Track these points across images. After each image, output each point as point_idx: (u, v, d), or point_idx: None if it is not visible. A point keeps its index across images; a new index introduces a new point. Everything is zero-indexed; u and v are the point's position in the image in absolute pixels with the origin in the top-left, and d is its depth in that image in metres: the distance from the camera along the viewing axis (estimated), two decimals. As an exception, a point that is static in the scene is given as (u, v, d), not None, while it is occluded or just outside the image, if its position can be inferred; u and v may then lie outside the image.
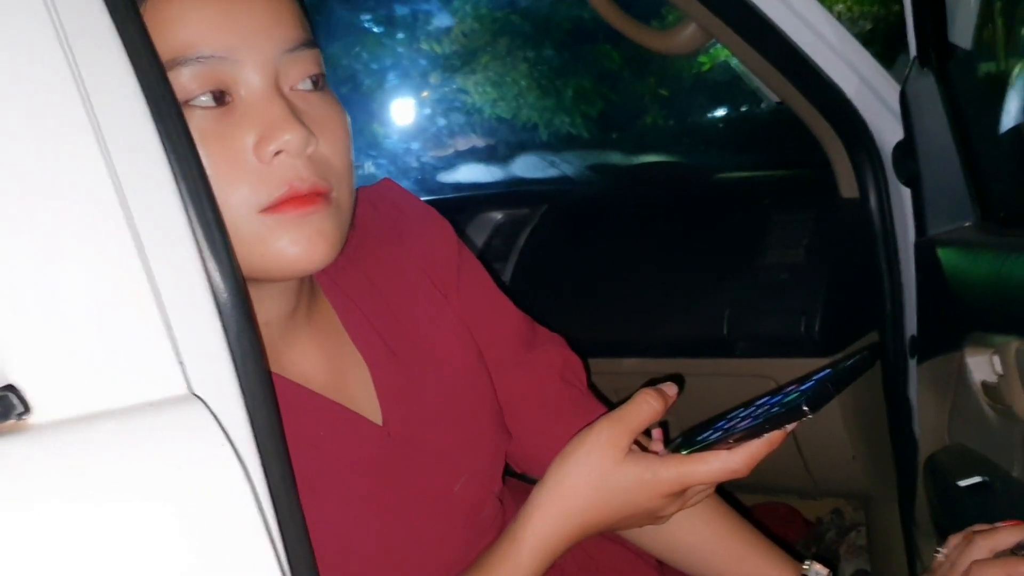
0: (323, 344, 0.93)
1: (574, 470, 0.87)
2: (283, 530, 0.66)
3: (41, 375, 0.55)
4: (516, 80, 7.29)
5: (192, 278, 0.65)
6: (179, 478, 0.57)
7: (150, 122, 0.65)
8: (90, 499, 0.54)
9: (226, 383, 0.65)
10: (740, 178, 2.05)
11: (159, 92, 0.66)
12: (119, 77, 0.65)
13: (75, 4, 0.64)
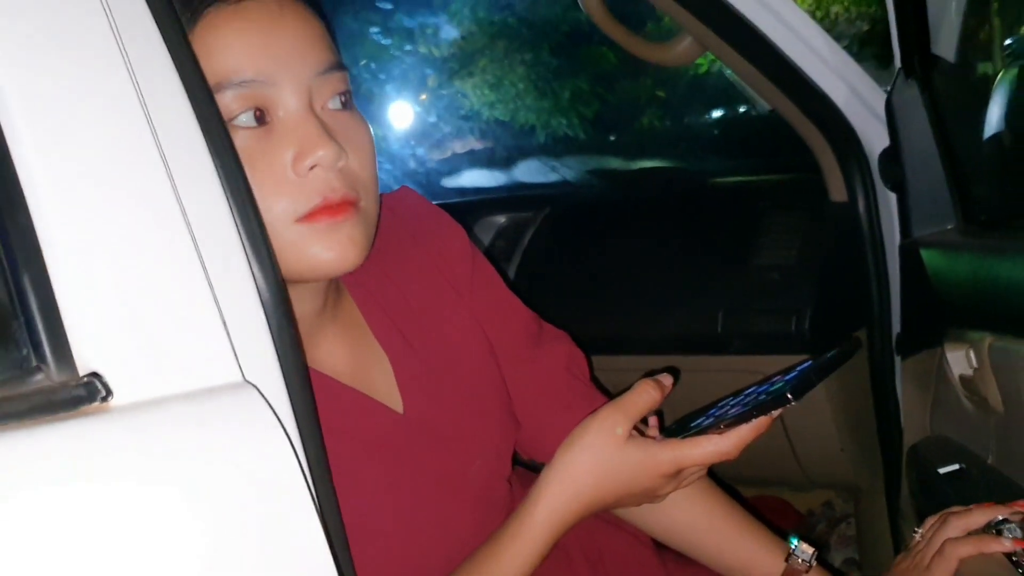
0: (348, 339, 1.01)
1: (581, 453, 0.95)
2: (321, 507, 0.74)
3: (120, 364, 0.63)
4: (514, 83, 7.35)
5: (242, 280, 0.72)
6: (239, 455, 0.64)
7: (202, 141, 0.73)
8: (163, 473, 0.62)
9: (272, 372, 0.73)
10: (734, 182, 2.13)
11: (208, 114, 0.74)
12: (175, 101, 0.72)
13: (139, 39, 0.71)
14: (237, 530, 0.63)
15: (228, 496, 0.63)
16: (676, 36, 1.59)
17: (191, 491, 0.62)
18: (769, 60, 1.56)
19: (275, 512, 0.65)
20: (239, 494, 0.64)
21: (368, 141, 0.93)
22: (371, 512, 0.97)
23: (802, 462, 1.77)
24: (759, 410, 0.91)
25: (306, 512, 0.67)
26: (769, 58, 1.56)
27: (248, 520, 0.64)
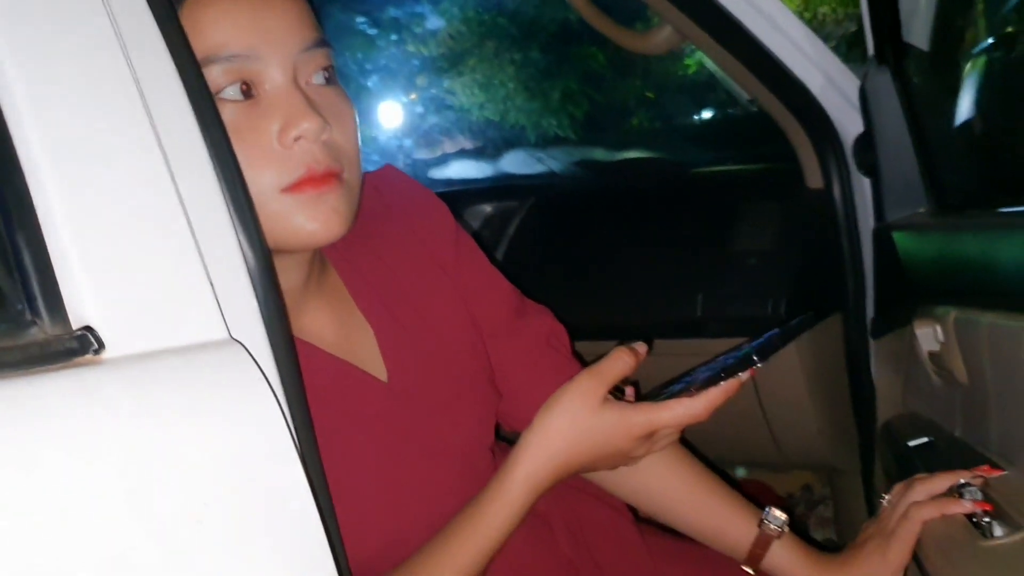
0: (333, 310, 1.05)
1: (558, 416, 0.99)
2: (306, 465, 0.77)
3: (113, 318, 0.66)
4: (504, 82, 7.39)
5: (228, 245, 0.76)
6: (226, 406, 0.68)
7: (191, 113, 0.76)
8: (154, 421, 0.65)
9: (257, 332, 0.76)
10: (714, 172, 2.17)
11: (197, 88, 0.77)
12: (166, 76, 0.76)
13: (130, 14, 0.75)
14: (225, 478, 0.66)
15: (216, 445, 0.67)
16: (656, 25, 1.63)
17: (180, 440, 0.65)
18: (746, 49, 1.60)
19: (262, 462, 0.69)
20: (227, 444, 0.67)
21: (351, 116, 0.97)
22: (355, 477, 1.00)
23: (780, 443, 1.81)
24: (727, 372, 0.95)
25: (292, 462, 0.70)
26: (746, 47, 1.60)
27: (235, 469, 0.67)
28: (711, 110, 6.56)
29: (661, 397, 1.00)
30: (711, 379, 0.96)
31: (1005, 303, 1.05)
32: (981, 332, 1.09)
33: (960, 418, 1.26)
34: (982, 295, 1.13)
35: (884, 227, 1.53)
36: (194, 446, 0.66)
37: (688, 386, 0.98)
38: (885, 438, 1.48)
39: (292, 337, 0.81)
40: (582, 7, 1.59)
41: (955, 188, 1.49)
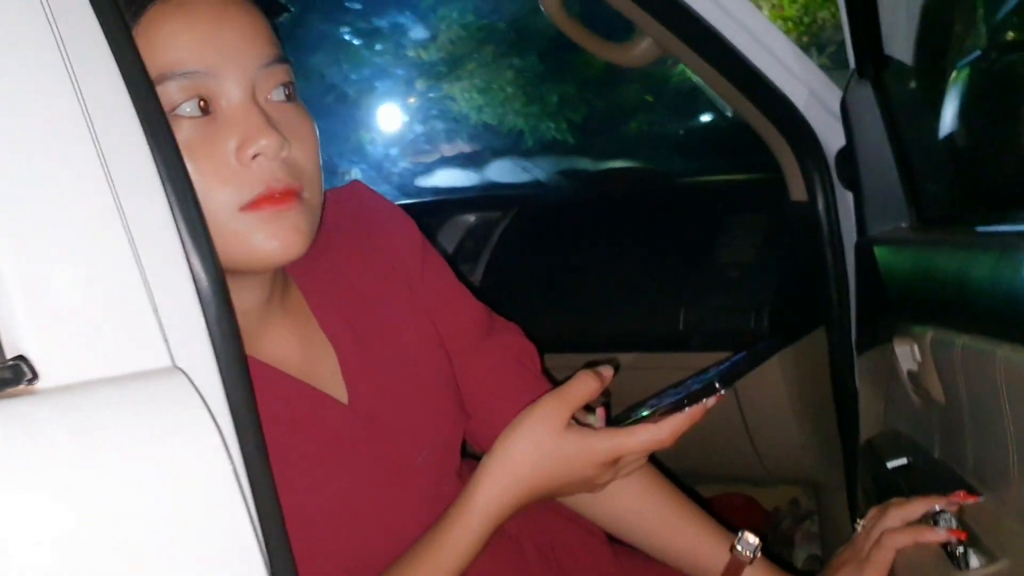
0: (295, 330, 1.03)
1: (520, 440, 0.97)
2: (256, 493, 0.75)
3: (47, 347, 0.65)
4: (502, 87, 7.38)
5: (176, 268, 0.74)
6: (163, 438, 0.66)
7: (140, 131, 0.75)
8: (88, 455, 0.63)
9: (206, 360, 0.75)
10: (700, 182, 2.16)
11: (149, 104, 0.76)
12: (114, 91, 0.74)
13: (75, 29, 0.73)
14: (161, 513, 0.65)
15: (152, 479, 0.65)
16: (634, 37, 1.61)
17: (115, 474, 0.64)
18: (728, 62, 1.59)
19: (200, 495, 0.67)
20: (162, 475, 0.65)
21: (312, 133, 0.95)
22: (315, 502, 0.99)
23: (763, 458, 1.80)
24: (690, 399, 0.94)
25: (230, 496, 0.69)
26: (728, 60, 1.58)
27: (171, 503, 0.66)
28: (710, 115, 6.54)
29: (626, 422, 0.98)
30: (675, 405, 0.95)
31: (977, 325, 1.03)
32: (955, 354, 1.07)
33: (938, 439, 1.24)
34: (957, 315, 1.11)
35: (866, 241, 1.51)
36: (129, 480, 0.64)
37: (653, 411, 0.96)
38: (866, 456, 1.46)
39: (244, 362, 0.79)
40: (558, 18, 1.57)
41: (937, 203, 1.48)
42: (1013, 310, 0.95)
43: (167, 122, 0.76)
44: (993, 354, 0.97)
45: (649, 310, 1.78)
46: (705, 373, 1.00)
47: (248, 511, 0.71)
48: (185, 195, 0.76)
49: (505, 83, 7.39)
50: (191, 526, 0.66)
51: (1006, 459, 1.00)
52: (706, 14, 1.53)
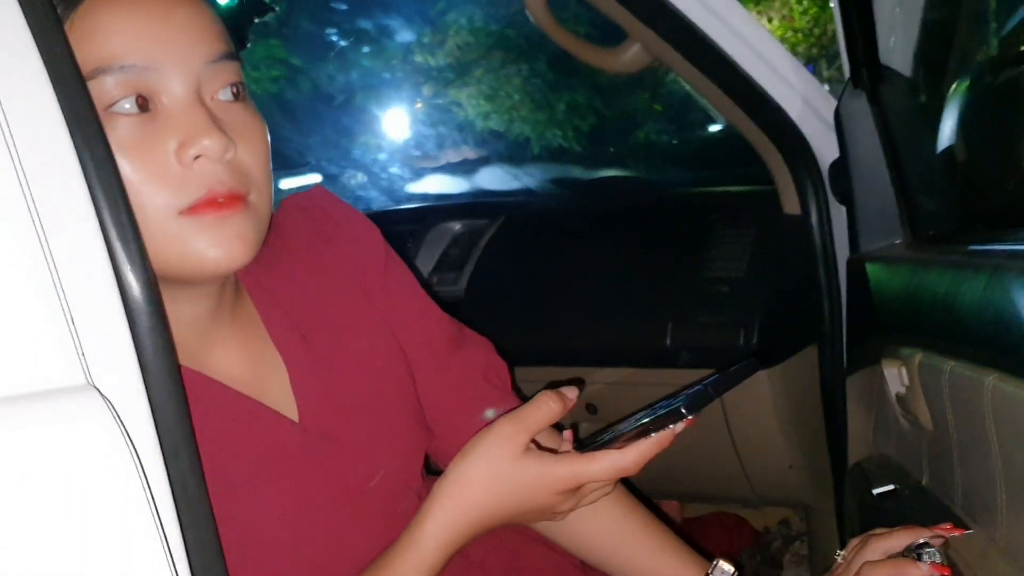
0: (244, 343, 0.98)
1: (474, 465, 0.92)
2: (185, 520, 0.70)
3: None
4: (509, 93, 7.35)
5: (100, 276, 0.69)
6: (66, 459, 0.61)
7: (63, 127, 0.69)
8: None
9: (130, 377, 0.69)
10: (692, 193, 2.10)
11: (75, 98, 0.71)
12: (33, 84, 0.69)
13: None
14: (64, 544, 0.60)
15: (53, 507, 0.60)
16: (623, 42, 1.56)
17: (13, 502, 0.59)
18: (719, 68, 1.54)
19: (102, 526, 0.62)
20: (66, 505, 0.61)
21: (261, 135, 0.90)
22: (264, 524, 0.94)
23: (751, 480, 1.74)
24: (655, 425, 0.88)
25: (142, 525, 0.64)
26: (719, 66, 1.53)
27: (75, 535, 0.61)
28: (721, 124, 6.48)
29: (590, 447, 0.93)
30: (639, 430, 0.89)
31: (966, 350, 0.98)
32: (943, 379, 1.02)
33: (927, 466, 1.18)
34: (946, 339, 1.05)
35: (858, 258, 1.45)
36: (29, 508, 0.59)
37: (616, 437, 0.91)
38: (852, 481, 1.40)
39: (178, 379, 0.73)
40: (544, 23, 1.52)
41: (932, 220, 1.42)
42: (1002, 336, 0.89)
43: (97, 118, 0.71)
44: (981, 382, 0.91)
45: (636, 324, 1.73)
46: (675, 397, 0.95)
47: (164, 540, 0.66)
48: (115, 197, 0.71)
49: (513, 90, 7.36)
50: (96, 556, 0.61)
51: (994, 491, 0.95)
52: (697, 19, 1.48)
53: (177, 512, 0.70)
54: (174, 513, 0.69)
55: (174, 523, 0.69)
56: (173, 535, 0.68)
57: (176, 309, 0.88)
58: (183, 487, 0.71)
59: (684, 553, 1.13)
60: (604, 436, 0.94)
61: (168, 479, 0.69)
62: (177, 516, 0.69)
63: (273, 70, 6.57)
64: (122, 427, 0.66)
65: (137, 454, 0.66)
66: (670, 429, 0.89)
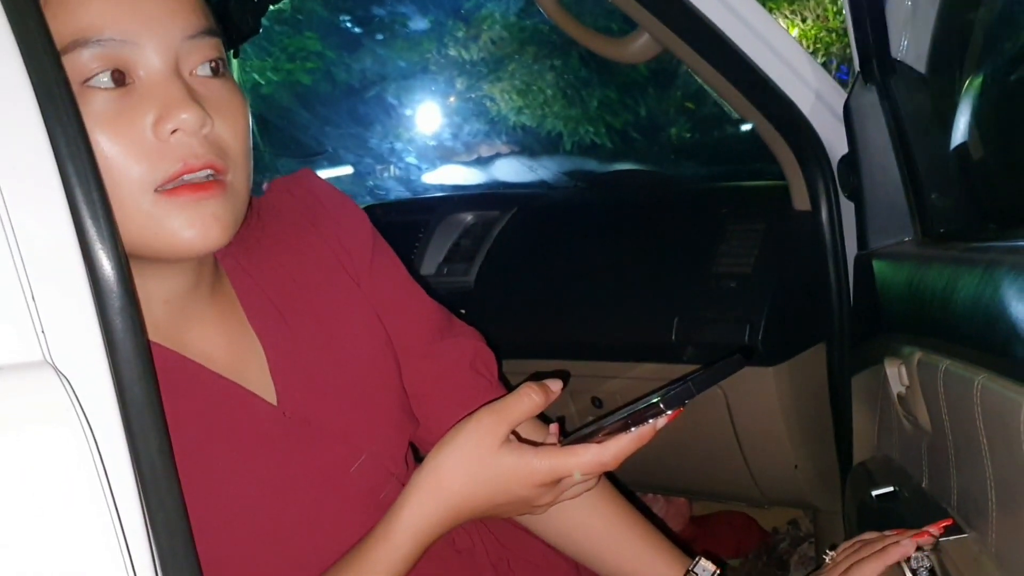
0: (223, 325, 0.97)
1: (452, 455, 0.91)
2: (153, 504, 0.69)
3: None
4: (542, 88, 7.33)
5: (66, 253, 0.69)
6: (12, 437, 0.61)
7: (33, 100, 0.69)
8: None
9: (93, 356, 0.69)
10: (703, 187, 2.08)
11: (49, 72, 0.70)
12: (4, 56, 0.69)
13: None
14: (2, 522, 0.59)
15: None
16: (632, 32, 1.54)
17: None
18: (730, 62, 1.51)
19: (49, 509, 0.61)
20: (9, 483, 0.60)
21: (241, 111, 0.89)
22: (241, 509, 0.93)
23: (758, 480, 1.72)
24: (634, 419, 0.87)
25: (93, 510, 0.63)
26: (729, 59, 1.51)
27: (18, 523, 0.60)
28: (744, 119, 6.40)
29: (570, 440, 0.91)
30: (619, 425, 0.88)
31: (959, 348, 0.95)
32: (939, 378, 1.00)
33: (927, 468, 1.16)
34: (942, 337, 1.03)
35: (866, 255, 1.43)
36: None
37: (596, 431, 0.89)
38: (854, 481, 1.38)
39: (147, 358, 0.73)
40: (552, 12, 1.51)
41: (942, 218, 1.39)
42: (991, 333, 0.87)
43: (70, 91, 0.70)
44: (972, 381, 0.89)
45: (642, 319, 1.70)
46: (661, 391, 0.93)
47: (119, 530, 0.65)
48: (85, 173, 0.70)
49: (545, 85, 7.34)
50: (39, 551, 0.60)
51: (985, 494, 0.92)
52: (706, 9, 1.46)
53: (145, 497, 0.69)
54: (139, 497, 0.69)
55: (137, 508, 0.68)
56: (135, 521, 0.68)
57: (150, 286, 0.88)
58: (151, 470, 0.70)
59: (666, 550, 1.11)
60: (586, 430, 0.93)
61: (136, 461, 0.69)
62: (144, 501, 0.69)
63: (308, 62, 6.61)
64: (79, 407, 0.65)
65: (94, 436, 0.65)
66: (650, 424, 0.87)
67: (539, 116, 7.28)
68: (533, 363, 1.70)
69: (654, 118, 7.19)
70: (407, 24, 6.81)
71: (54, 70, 0.70)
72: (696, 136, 7.21)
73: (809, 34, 6.92)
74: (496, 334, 1.21)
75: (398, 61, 7.04)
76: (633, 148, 7.02)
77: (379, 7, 6.67)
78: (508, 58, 7.38)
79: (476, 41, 7.35)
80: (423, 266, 2.01)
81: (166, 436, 0.73)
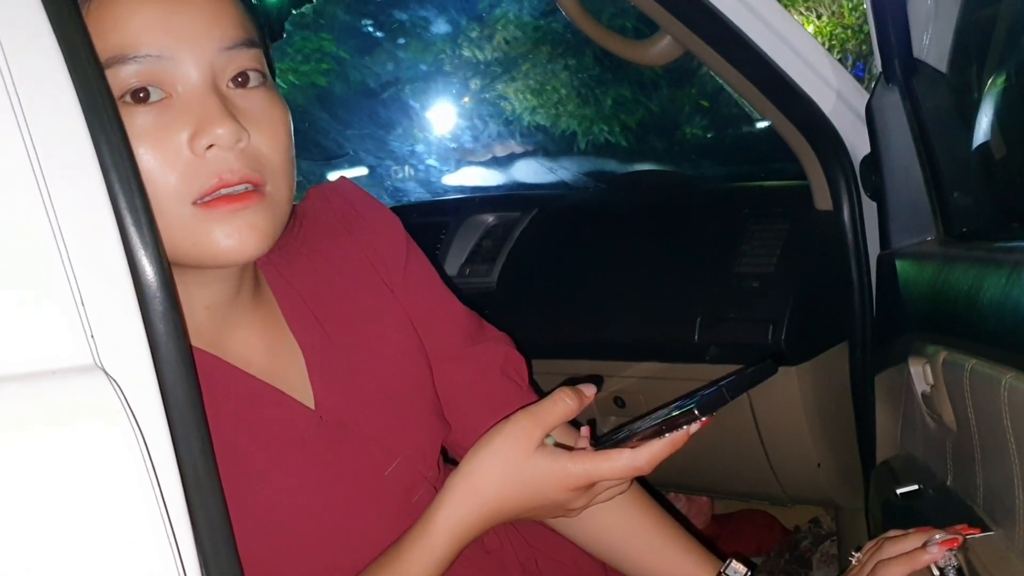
0: (263, 330, 0.99)
1: (487, 459, 0.92)
2: (195, 503, 0.71)
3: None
4: (556, 88, 7.34)
5: (113, 260, 0.70)
6: (67, 438, 0.62)
7: (79, 113, 0.71)
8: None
9: (139, 360, 0.71)
10: (724, 188, 2.08)
11: (93, 87, 0.72)
12: (51, 73, 0.70)
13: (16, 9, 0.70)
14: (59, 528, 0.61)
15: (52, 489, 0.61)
16: (654, 35, 1.55)
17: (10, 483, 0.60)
18: (752, 63, 1.52)
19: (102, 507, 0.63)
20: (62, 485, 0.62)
21: (281, 123, 0.90)
22: (278, 511, 0.95)
23: (780, 478, 1.73)
24: (668, 425, 0.88)
25: (144, 509, 0.65)
26: (752, 61, 1.52)
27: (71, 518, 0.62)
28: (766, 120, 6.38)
29: (604, 445, 0.93)
30: (653, 430, 0.89)
31: (986, 348, 0.96)
32: (964, 377, 1.00)
33: (951, 466, 1.17)
34: (968, 336, 1.04)
35: (888, 255, 1.43)
36: (24, 493, 0.60)
37: (630, 436, 0.91)
38: (878, 480, 1.38)
39: (189, 363, 0.74)
40: (574, 14, 1.52)
41: (965, 217, 1.40)
42: (1018, 332, 0.88)
43: (113, 104, 0.72)
44: (999, 380, 0.90)
45: (665, 319, 1.71)
46: (691, 397, 0.94)
47: (169, 527, 0.67)
48: (129, 183, 0.72)
49: (559, 84, 7.35)
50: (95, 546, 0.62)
51: (1012, 492, 0.93)
52: (728, 11, 1.47)
53: (187, 496, 0.71)
54: (183, 496, 0.70)
55: (182, 507, 0.70)
56: (180, 519, 0.69)
57: (192, 293, 0.90)
58: (193, 470, 0.72)
59: (697, 552, 1.12)
60: (619, 434, 0.94)
61: (178, 462, 0.71)
62: (187, 500, 0.71)
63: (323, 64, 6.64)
64: (128, 409, 0.67)
65: (143, 436, 0.67)
66: (684, 430, 0.89)
67: (553, 115, 7.29)
68: (556, 363, 1.72)
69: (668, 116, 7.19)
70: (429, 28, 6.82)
71: (98, 83, 0.72)
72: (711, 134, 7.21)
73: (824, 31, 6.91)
74: (519, 334, 1.22)
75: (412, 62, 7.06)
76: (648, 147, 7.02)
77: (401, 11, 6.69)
78: (522, 58, 7.39)
79: (490, 41, 7.36)
80: (445, 267, 2.03)
81: (208, 438, 0.74)
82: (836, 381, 1.62)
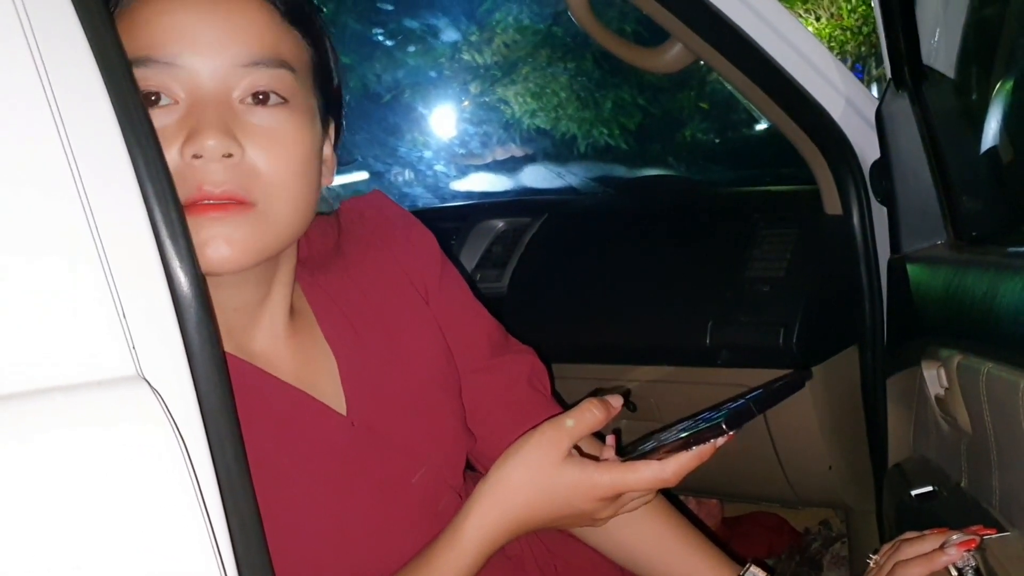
0: (296, 336, 1.00)
1: (516, 468, 0.93)
2: (230, 508, 0.73)
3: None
4: (556, 91, 7.35)
5: (151, 272, 0.72)
6: (114, 448, 0.64)
7: (113, 120, 0.71)
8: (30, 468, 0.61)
9: (178, 369, 0.72)
10: (733, 193, 2.10)
11: (125, 93, 0.72)
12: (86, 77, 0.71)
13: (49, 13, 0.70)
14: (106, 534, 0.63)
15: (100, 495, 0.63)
16: (665, 42, 1.57)
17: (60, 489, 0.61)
18: (761, 69, 1.53)
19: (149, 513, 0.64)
20: (113, 493, 0.63)
21: (291, 143, 0.89)
22: (308, 515, 0.96)
23: (791, 480, 1.74)
24: (696, 439, 0.90)
25: (189, 514, 0.66)
26: (761, 67, 1.53)
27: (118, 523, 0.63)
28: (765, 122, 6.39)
29: (632, 456, 0.94)
30: (680, 443, 0.90)
31: (1003, 352, 0.97)
32: (981, 381, 1.02)
33: (966, 468, 1.18)
34: (984, 340, 1.05)
35: (899, 259, 1.45)
36: (75, 496, 0.62)
37: (657, 447, 0.92)
38: (891, 482, 1.40)
39: (223, 370, 0.76)
40: (586, 22, 1.53)
41: (975, 222, 1.41)
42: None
43: (147, 115, 0.73)
44: (1016, 384, 0.91)
45: (676, 322, 1.73)
46: (718, 409, 0.96)
47: (210, 530, 0.68)
48: (164, 194, 0.73)
49: (559, 88, 7.36)
50: (141, 546, 0.64)
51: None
52: (738, 19, 1.48)
53: (222, 500, 0.72)
54: (219, 502, 0.72)
55: (219, 512, 0.71)
56: (219, 524, 0.71)
57: (221, 295, 0.90)
58: (228, 476, 0.74)
59: (716, 557, 1.14)
60: (646, 445, 0.95)
61: (214, 468, 0.72)
62: (222, 505, 0.72)
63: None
64: (170, 417, 0.68)
65: (185, 444, 0.68)
66: (711, 443, 0.90)
67: (553, 118, 7.30)
68: (568, 367, 1.73)
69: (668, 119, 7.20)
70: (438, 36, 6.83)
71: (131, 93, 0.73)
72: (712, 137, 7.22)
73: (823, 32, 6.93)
74: (530, 339, 1.24)
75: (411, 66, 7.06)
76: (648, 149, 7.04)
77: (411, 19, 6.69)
78: (521, 61, 7.40)
79: (489, 45, 7.37)
80: (456, 273, 2.04)
81: (240, 443, 0.76)
82: (847, 384, 1.64)
